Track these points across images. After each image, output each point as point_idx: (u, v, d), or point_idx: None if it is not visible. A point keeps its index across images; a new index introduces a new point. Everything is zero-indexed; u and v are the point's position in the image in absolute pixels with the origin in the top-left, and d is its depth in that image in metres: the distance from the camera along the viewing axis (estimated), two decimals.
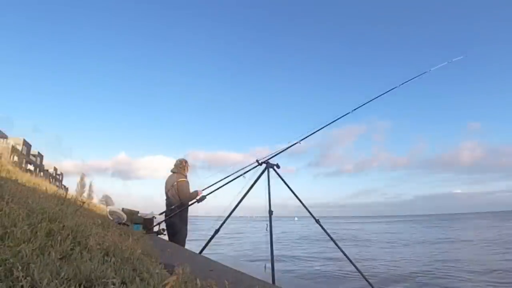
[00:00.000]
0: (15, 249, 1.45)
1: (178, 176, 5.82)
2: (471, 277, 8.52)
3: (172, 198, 5.74)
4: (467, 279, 8.26)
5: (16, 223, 1.69)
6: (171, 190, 5.75)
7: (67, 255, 1.70)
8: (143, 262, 2.06)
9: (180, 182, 5.74)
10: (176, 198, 5.69)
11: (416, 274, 9.00)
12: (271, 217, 4.80)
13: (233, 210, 5.20)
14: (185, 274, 1.78)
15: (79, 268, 1.50)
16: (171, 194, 5.75)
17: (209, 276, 2.27)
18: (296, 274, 9.21)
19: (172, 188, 5.75)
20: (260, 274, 5.28)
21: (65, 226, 1.99)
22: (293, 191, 5.20)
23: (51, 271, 1.36)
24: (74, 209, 2.81)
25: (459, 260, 11.45)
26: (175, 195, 5.69)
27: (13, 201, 2.13)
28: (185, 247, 5.44)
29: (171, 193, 5.75)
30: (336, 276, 8.80)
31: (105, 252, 1.98)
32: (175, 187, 5.71)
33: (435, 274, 8.94)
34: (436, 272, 9.25)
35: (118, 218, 5.06)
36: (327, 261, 11.42)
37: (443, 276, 8.65)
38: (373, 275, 8.16)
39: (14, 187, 3.07)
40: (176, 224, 5.61)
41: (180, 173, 5.88)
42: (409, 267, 10.13)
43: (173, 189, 5.74)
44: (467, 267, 9.94)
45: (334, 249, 5.29)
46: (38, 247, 1.58)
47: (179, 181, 5.75)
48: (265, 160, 5.22)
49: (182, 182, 5.76)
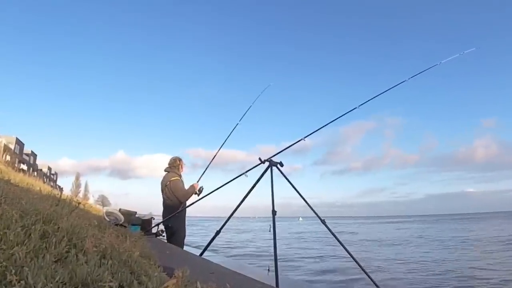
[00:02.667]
0: (8, 252, 1.45)
1: (171, 175, 5.83)
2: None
3: (167, 198, 5.75)
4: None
5: (9, 225, 1.69)
6: (166, 190, 5.77)
7: (62, 257, 1.70)
8: (141, 265, 2.07)
9: (172, 181, 5.75)
10: (171, 198, 5.71)
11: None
12: (275, 217, 4.80)
13: (234, 210, 5.20)
14: (185, 277, 1.78)
15: (75, 271, 1.50)
16: (166, 194, 5.77)
17: (209, 279, 2.27)
18: (301, 277, 9.23)
19: (166, 188, 5.77)
20: (263, 276, 5.30)
21: (60, 228, 1.99)
22: (297, 190, 5.19)
23: (45, 275, 1.36)
24: (69, 210, 2.82)
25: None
26: (170, 195, 5.71)
27: (5, 202, 2.13)
28: (183, 248, 5.47)
29: (166, 193, 5.77)
30: (343, 280, 8.81)
31: (101, 254, 1.98)
32: (168, 187, 5.73)
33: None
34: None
35: (115, 219, 5.08)
36: (335, 263, 11.43)
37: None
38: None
39: (6, 187, 3.08)
40: (173, 225, 5.63)
41: (173, 172, 5.89)
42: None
43: (167, 189, 5.75)
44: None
45: (342, 251, 5.24)
46: (32, 249, 1.58)
47: (172, 180, 5.76)
48: (268, 158, 5.21)
49: (175, 180, 5.77)
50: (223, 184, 5.55)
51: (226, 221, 5.26)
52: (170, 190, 5.70)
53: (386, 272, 9.95)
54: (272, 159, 5.16)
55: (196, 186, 5.84)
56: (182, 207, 5.68)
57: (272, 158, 5.18)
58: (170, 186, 5.70)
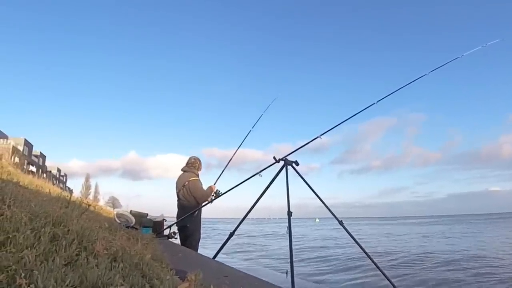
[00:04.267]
0: (18, 255, 1.46)
1: (189, 175, 5.86)
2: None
3: (184, 199, 5.77)
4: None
5: (19, 228, 1.70)
6: (182, 190, 5.78)
7: (72, 261, 1.72)
8: (153, 268, 2.07)
9: (191, 181, 5.77)
10: (188, 198, 5.73)
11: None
12: (290, 218, 4.78)
13: (249, 211, 5.20)
14: (198, 280, 1.78)
15: (85, 275, 1.51)
16: (183, 195, 5.78)
17: (223, 282, 2.28)
18: (320, 281, 9.17)
19: (183, 188, 5.78)
20: (280, 280, 5.29)
21: (70, 230, 2.01)
22: (313, 190, 5.15)
23: (55, 278, 1.37)
24: (79, 212, 2.85)
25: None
26: (187, 195, 5.73)
27: (15, 204, 2.15)
28: (198, 251, 5.49)
29: (183, 194, 5.78)
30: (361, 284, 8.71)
31: (112, 257, 2.00)
32: (186, 187, 5.74)
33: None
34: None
35: (126, 221, 5.13)
36: (356, 269, 11.27)
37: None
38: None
39: (15, 189, 3.12)
40: (188, 227, 5.65)
41: (191, 172, 5.91)
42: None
43: (184, 189, 5.76)
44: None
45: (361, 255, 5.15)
46: (42, 252, 1.60)
47: (191, 180, 5.78)
48: (283, 157, 5.18)
49: (194, 180, 5.80)
50: (237, 185, 5.53)
51: (240, 222, 5.26)
52: (188, 190, 5.72)
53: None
54: (287, 158, 5.12)
55: (214, 188, 5.84)
56: (198, 207, 5.69)
57: (287, 157, 5.13)
58: (189, 186, 5.72)
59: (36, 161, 60.91)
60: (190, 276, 1.77)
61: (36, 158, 61.84)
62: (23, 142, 54.32)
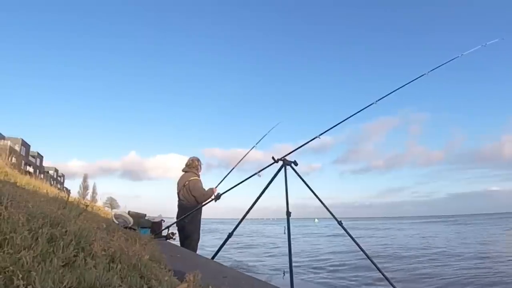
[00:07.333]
0: (15, 256, 1.46)
1: (190, 175, 5.87)
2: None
3: (184, 199, 5.78)
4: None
5: (16, 229, 1.70)
6: (183, 191, 5.79)
7: (70, 262, 1.72)
8: (151, 269, 2.07)
9: (192, 180, 5.78)
10: (188, 198, 5.74)
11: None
12: (289, 218, 4.78)
13: (247, 211, 5.20)
14: (197, 281, 1.79)
15: (83, 276, 1.52)
16: (183, 195, 5.79)
17: (222, 283, 2.28)
18: (319, 282, 9.17)
19: (183, 188, 5.79)
20: (278, 281, 5.30)
21: (68, 231, 2.00)
22: (312, 190, 5.15)
23: (53, 279, 1.37)
24: (77, 213, 2.85)
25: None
26: (187, 195, 5.74)
27: (12, 205, 2.15)
28: (197, 252, 5.50)
29: (183, 194, 5.79)
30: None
31: (110, 258, 2.00)
32: (186, 187, 5.75)
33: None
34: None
35: (124, 221, 5.14)
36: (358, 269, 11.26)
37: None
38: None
39: (13, 190, 3.13)
40: (187, 228, 5.65)
41: (192, 172, 5.93)
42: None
43: (184, 189, 5.78)
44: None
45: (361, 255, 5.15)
46: (39, 253, 1.59)
47: (191, 179, 5.79)
48: (282, 157, 5.18)
49: (194, 180, 5.81)
50: (235, 185, 5.54)
51: (238, 223, 5.26)
52: (188, 189, 5.73)
53: None
54: (286, 158, 5.12)
55: (215, 191, 5.84)
56: (197, 207, 5.68)
57: (286, 157, 5.14)
58: (189, 186, 5.73)
59: (34, 162, 60.86)
60: (188, 276, 1.77)
61: (33, 158, 61.79)
62: (21, 142, 54.25)
